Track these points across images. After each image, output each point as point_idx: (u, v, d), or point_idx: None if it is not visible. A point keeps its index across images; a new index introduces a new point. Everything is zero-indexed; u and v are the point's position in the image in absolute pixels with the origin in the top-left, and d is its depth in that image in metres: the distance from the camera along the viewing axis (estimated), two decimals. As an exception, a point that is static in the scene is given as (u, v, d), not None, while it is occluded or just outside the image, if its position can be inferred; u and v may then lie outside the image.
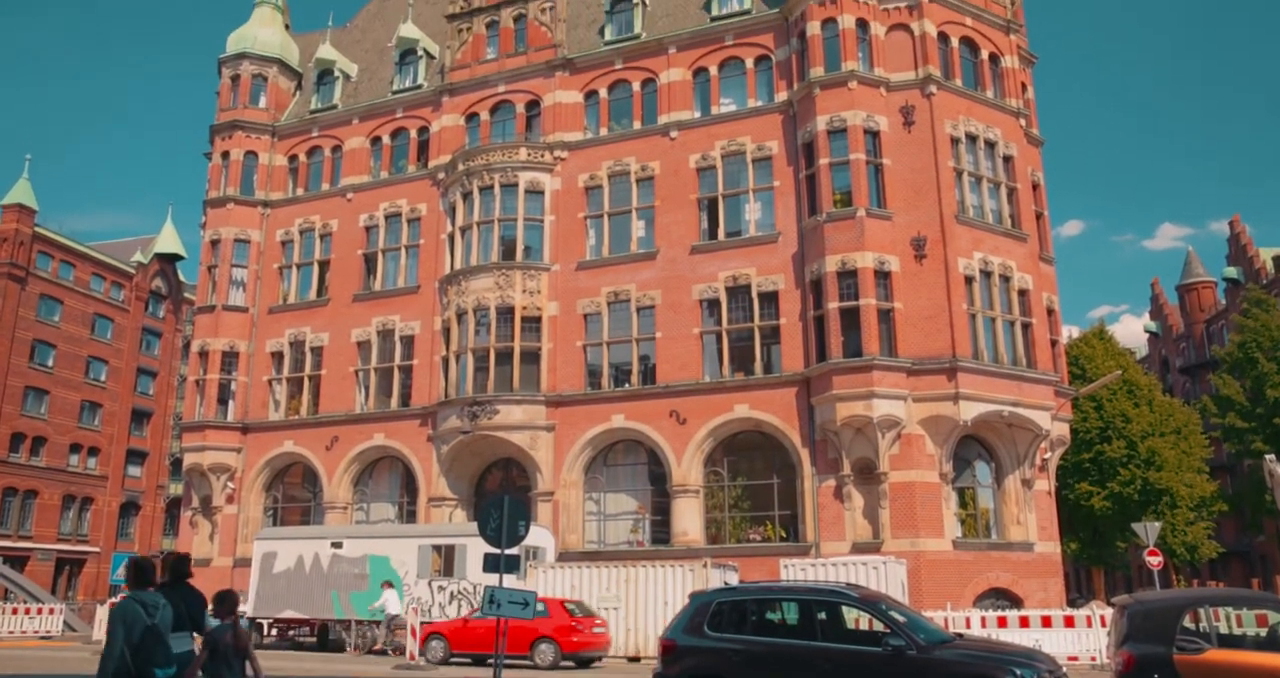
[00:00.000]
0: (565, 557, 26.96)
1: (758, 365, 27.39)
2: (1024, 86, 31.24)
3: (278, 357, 34.49)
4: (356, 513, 32.32)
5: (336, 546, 25.99)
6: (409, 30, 35.98)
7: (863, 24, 28.08)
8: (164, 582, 7.73)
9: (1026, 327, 27.17)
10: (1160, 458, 36.68)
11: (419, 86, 35.10)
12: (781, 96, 29.09)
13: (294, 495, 34.17)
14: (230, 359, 34.52)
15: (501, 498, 14.34)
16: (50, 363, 55.50)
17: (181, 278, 65.40)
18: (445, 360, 30.58)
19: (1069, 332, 43.86)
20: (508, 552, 14.02)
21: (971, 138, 27.83)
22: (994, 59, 29.44)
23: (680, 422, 27.48)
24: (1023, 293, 27.34)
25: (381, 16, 41.12)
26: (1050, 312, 29.11)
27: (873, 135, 27.23)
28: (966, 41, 29.03)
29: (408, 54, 36.00)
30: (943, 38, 28.46)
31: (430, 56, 35.98)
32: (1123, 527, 36.11)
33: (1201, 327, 63.40)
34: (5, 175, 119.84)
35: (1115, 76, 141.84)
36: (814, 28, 28.12)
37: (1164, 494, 36.69)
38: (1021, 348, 26.87)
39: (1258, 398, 41.49)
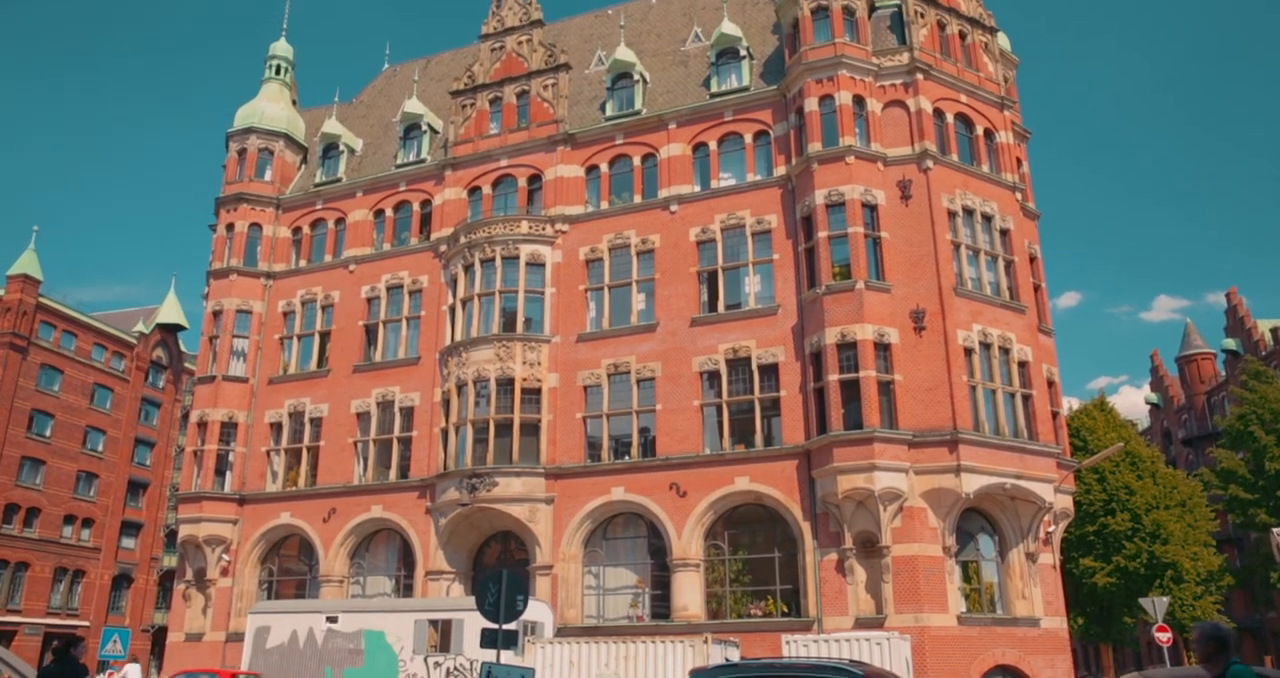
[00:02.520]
0: (564, 632, 26.53)
1: (758, 438, 27.29)
2: (1019, 161, 31.73)
3: (276, 428, 34.38)
4: (352, 587, 31.86)
5: (331, 620, 25.60)
6: (413, 106, 36.68)
7: (859, 100, 28.64)
8: (50, 662, 8.40)
9: (1027, 398, 27.14)
10: (1165, 531, 36.28)
11: (422, 160, 35.65)
12: (780, 171, 29.52)
13: (289, 568, 33.72)
14: (229, 430, 34.40)
15: (500, 572, 14.19)
16: (48, 433, 55.28)
17: (183, 348, 65.56)
18: (445, 432, 30.48)
19: (1069, 403, 43.80)
20: (505, 627, 13.81)
21: (968, 211, 28.16)
22: (989, 134, 29.95)
23: (680, 494, 27.27)
24: (1023, 365, 27.37)
25: (387, 93, 41.97)
26: (1051, 383, 29.10)
27: (871, 209, 27.55)
28: (961, 117, 29.57)
29: (412, 129, 36.65)
30: (938, 114, 29.00)
31: (434, 131, 36.62)
32: (1129, 602, 35.57)
33: (1203, 398, 63.35)
34: (12, 245, 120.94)
35: (1108, 151, 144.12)
36: (811, 104, 28.67)
37: (1170, 568, 36.20)
38: (1023, 420, 26.80)
39: (1260, 470, 41.23)
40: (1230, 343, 59.86)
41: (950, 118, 29.18)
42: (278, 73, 40.65)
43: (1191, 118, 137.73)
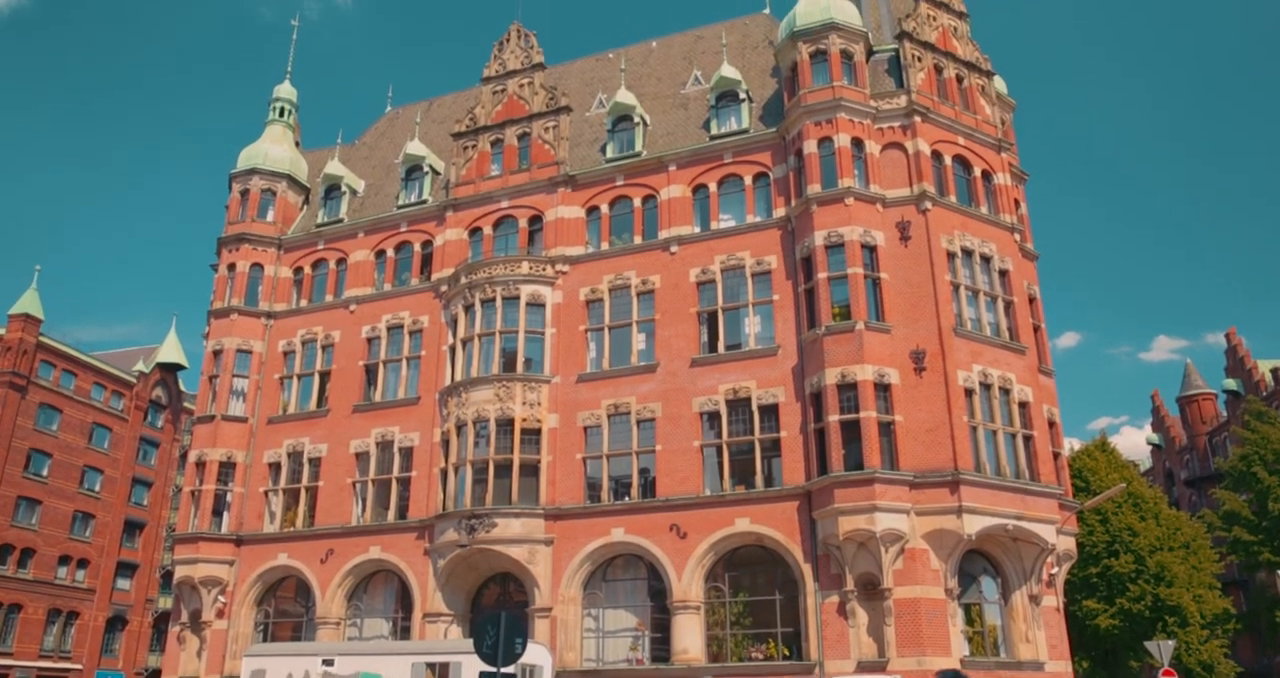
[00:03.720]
0: (563, 675, 26.22)
1: (759, 479, 27.16)
2: (1017, 203, 31.94)
3: (275, 468, 34.25)
4: (349, 629, 31.54)
5: (328, 663, 25.27)
6: (415, 147, 36.99)
7: (858, 143, 28.88)
8: None
9: (1028, 439, 27.06)
10: (1170, 573, 35.98)
11: (424, 201, 35.87)
12: (780, 212, 29.69)
13: (286, 610, 33.40)
14: (227, 470, 34.26)
15: (498, 614, 14.04)
16: (45, 472, 55.06)
17: (182, 387, 65.50)
18: (444, 472, 30.36)
19: (1070, 444, 43.65)
20: (504, 670, 13.66)
21: (967, 252, 28.28)
22: (987, 176, 30.16)
23: (681, 536, 27.10)
24: (1023, 405, 27.33)
25: (389, 135, 42.35)
26: (1051, 424, 29.03)
27: (870, 250, 27.67)
28: (959, 159, 29.81)
29: (413, 170, 36.93)
30: (936, 156, 29.24)
31: (435, 172, 36.90)
32: (1134, 645, 35.18)
33: (1204, 439, 63.11)
34: (14, 284, 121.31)
35: (1106, 192, 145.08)
36: (810, 146, 28.91)
37: (1175, 611, 35.85)
38: (1024, 461, 26.70)
39: (1263, 512, 40.98)
40: (1231, 383, 59.75)
41: (948, 160, 29.42)
42: (281, 115, 41.02)
43: (1188, 159, 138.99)
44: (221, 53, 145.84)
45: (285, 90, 41.49)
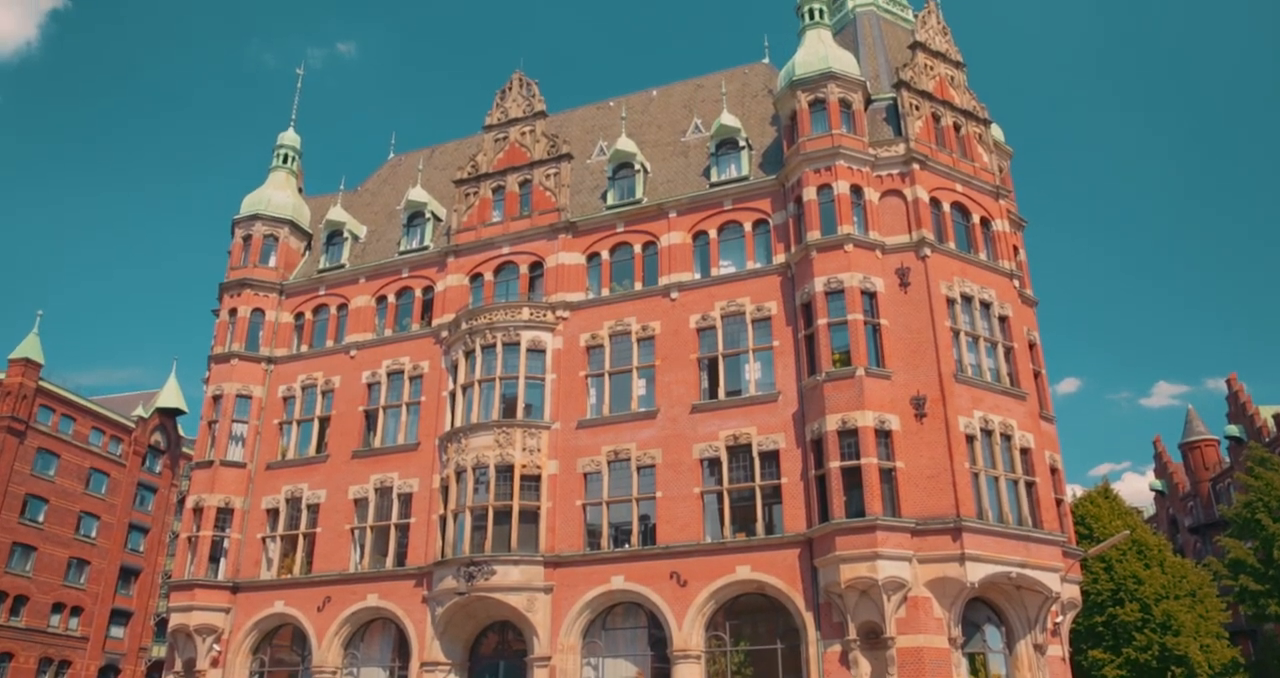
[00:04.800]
0: (561, 728, 25.78)
1: (759, 526, 26.96)
2: (1016, 249, 32.10)
3: (273, 513, 34.02)
4: (345, 679, 31.11)
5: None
6: (417, 194, 37.26)
7: (857, 190, 29.10)
8: None
9: (1030, 485, 26.91)
10: (1176, 622, 35.58)
11: (425, 248, 36.05)
12: (779, 259, 29.83)
13: (282, 659, 32.95)
14: (225, 516, 34.02)
15: (497, 664, 13.88)
16: (41, 518, 54.72)
17: (181, 433, 65.34)
18: (443, 519, 30.15)
19: (1072, 490, 43.39)
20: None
21: (967, 298, 28.36)
22: (985, 223, 30.34)
23: (681, 584, 26.83)
24: (1025, 451, 27.22)
25: (391, 181, 42.69)
26: (1054, 470, 28.88)
27: (870, 296, 27.75)
28: (958, 206, 30.01)
29: (415, 216, 37.17)
30: (935, 203, 29.44)
31: (437, 219, 37.13)
32: (1142, 696, 34.69)
33: (1208, 485, 62.76)
34: (16, 328, 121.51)
35: (1104, 239, 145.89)
36: (810, 193, 29.13)
37: (1182, 661, 35.39)
38: (1026, 507, 26.52)
39: (1269, 560, 40.57)
40: (1233, 429, 59.54)
41: (947, 207, 29.61)
42: (285, 161, 41.37)
43: (1187, 204, 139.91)
44: (225, 100, 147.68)
45: (289, 137, 41.89)
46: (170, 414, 64.66)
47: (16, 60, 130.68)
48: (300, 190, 41.52)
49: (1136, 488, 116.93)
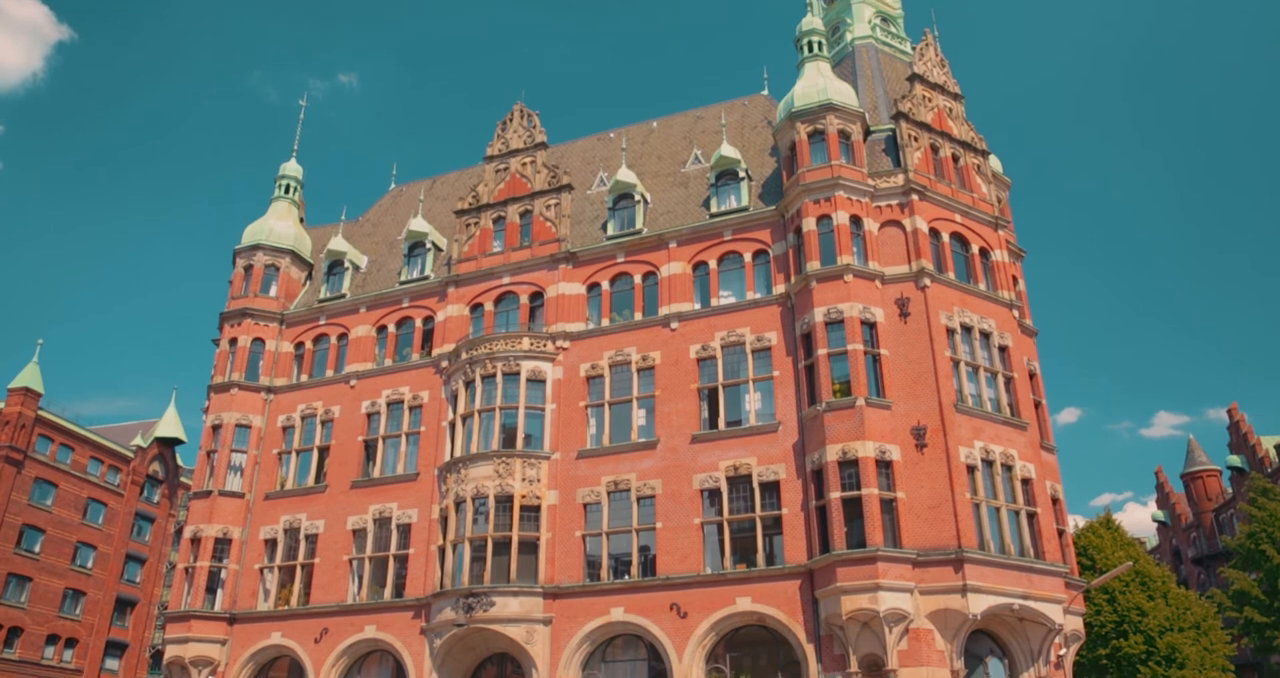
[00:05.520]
0: (560, 762, 25.48)
1: (760, 556, 26.81)
2: (1015, 279, 32.18)
3: (271, 544, 33.84)
4: (342, 712, 30.78)
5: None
6: (418, 224, 37.40)
7: (856, 220, 29.22)
8: None
9: (1032, 516, 26.79)
10: (1181, 655, 35.25)
11: (426, 278, 36.14)
12: (779, 289, 29.89)
13: (278, 692, 32.64)
14: (222, 546, 33.84)
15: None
16: (37, 549, 54.38)
17: (180, 462, 65.12)
18: (442, 550, 29.98)
19: (1074, 521, 43.19)
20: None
21: (966, 328, 28.38)
22: (984, 253, 30.44)
23: (681, 615, 26.63)
24: (1026, 482, 27.12)
25: (393, 211, 42.88)
26: (1055, 500, 28.78)
27: (870, 326, 27.78)
28: (957, 237, 30.12)
29: (416, 247, 37.29)
30: (934, 233, 29.54)
31: (438, 249, 37.24)
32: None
33: (1210, 515, 62.51)
34: (16, 357, 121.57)
35: (1103, 268, 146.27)
36: (809, 224, 29.24)
37: (1188, 695, 35.03)
38: (1028, 538, 26.38)
39: (1274, 591, 40.32)
40: (1235, 459, 59.40)
41: (946, 237, 29.71)
42: (287, 192, 41.56)
43: (1186, 233, 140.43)
44: (227, 130, 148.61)
45: (291, 168, 42.12)
46: (169, 444, 64.47)
47: (22, 91, 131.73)
48: (302, 220, 41.68)
49: (1138, 518, 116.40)
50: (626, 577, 28.05)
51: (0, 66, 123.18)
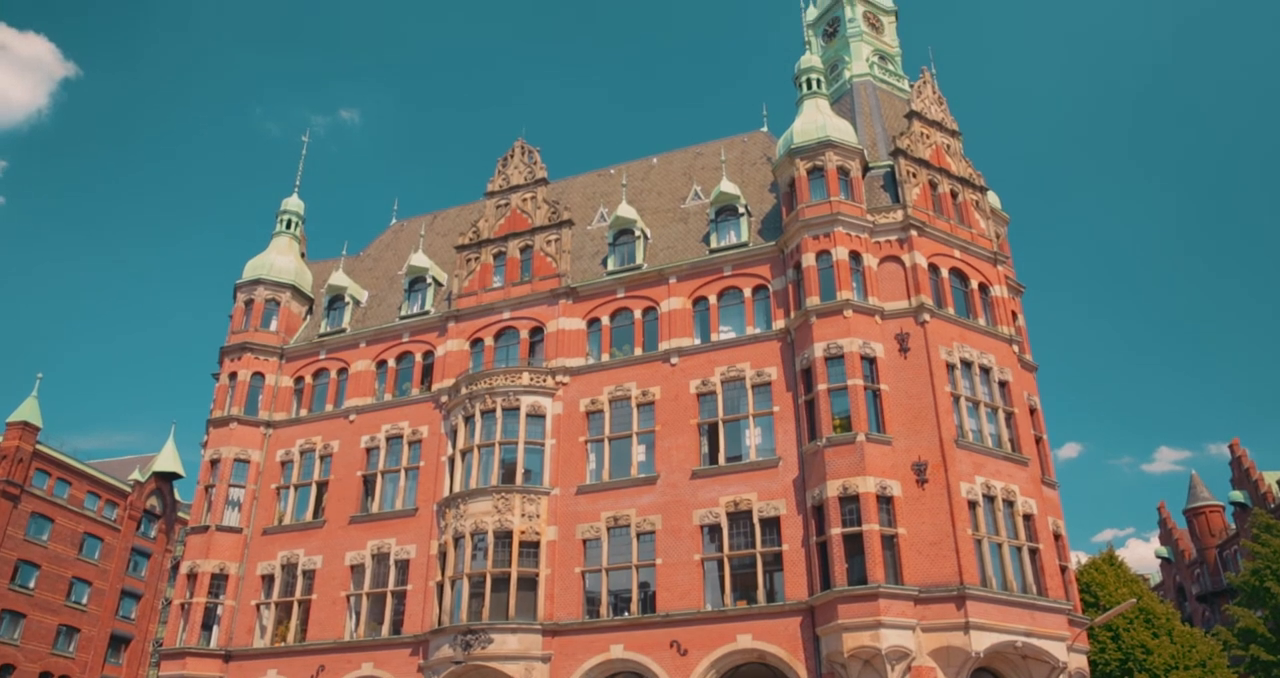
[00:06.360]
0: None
1: (760, 593, 26.61)
2: (1014, 314, 32.23)
3: (268, 580, 33.58)
4: (338, 752, 30.37)
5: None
6: (419, 259, 37.52)
7: (855, 256, 29.33)
8: None
9: (1034, 552, 26.62)
10: (1187, 694, 34.86)
11: (426, 312, 36.20)
12: (779, 324, 29.94)
13: (273, 731, 32.21)
14: (219, 582, 33.59)
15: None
16: (32, 584, 53.92)
17: (178, 497, 64.77)
18: (440, 586, 29.75)
19: (1076, 557, 42.89)
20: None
21: (966, 364, 28.38)
22: (983, 288, 30.52)
23: (681, 653, 26.37)
24: (1028, 517, 26.98)
25: (393, 246, 43.03)
26: (1058, 536, 28.61)
27: (869, 361, 27.79)
28: (956, 272, 30.21)
29: (416, 282, 37.38)
30: (933, 269, 29.64)
31: (438, 284, 37.33)
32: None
33: (1214, 552, 62.09)
34: (15, 392, 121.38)
35: (1103, 303, 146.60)
36: (809, 259, 29.35)
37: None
38: (1031, 575, 26.19)
39: (1279, 629, 39.93)
40: (1237, 495, 59.11)
41: (945, 272, 29.80)
42: (288, 226, 41.74)
43: (1186, 269, 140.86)
44: (228, 165, 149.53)
45: (293, 203, 42.32)
46: (167, 478, 64.18)
47: (27, 127, 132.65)
48: (303, 255, 41.83)
49: (1141, 554, 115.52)
50: (626, 613, 27.82)
51: (5, 103, 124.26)
